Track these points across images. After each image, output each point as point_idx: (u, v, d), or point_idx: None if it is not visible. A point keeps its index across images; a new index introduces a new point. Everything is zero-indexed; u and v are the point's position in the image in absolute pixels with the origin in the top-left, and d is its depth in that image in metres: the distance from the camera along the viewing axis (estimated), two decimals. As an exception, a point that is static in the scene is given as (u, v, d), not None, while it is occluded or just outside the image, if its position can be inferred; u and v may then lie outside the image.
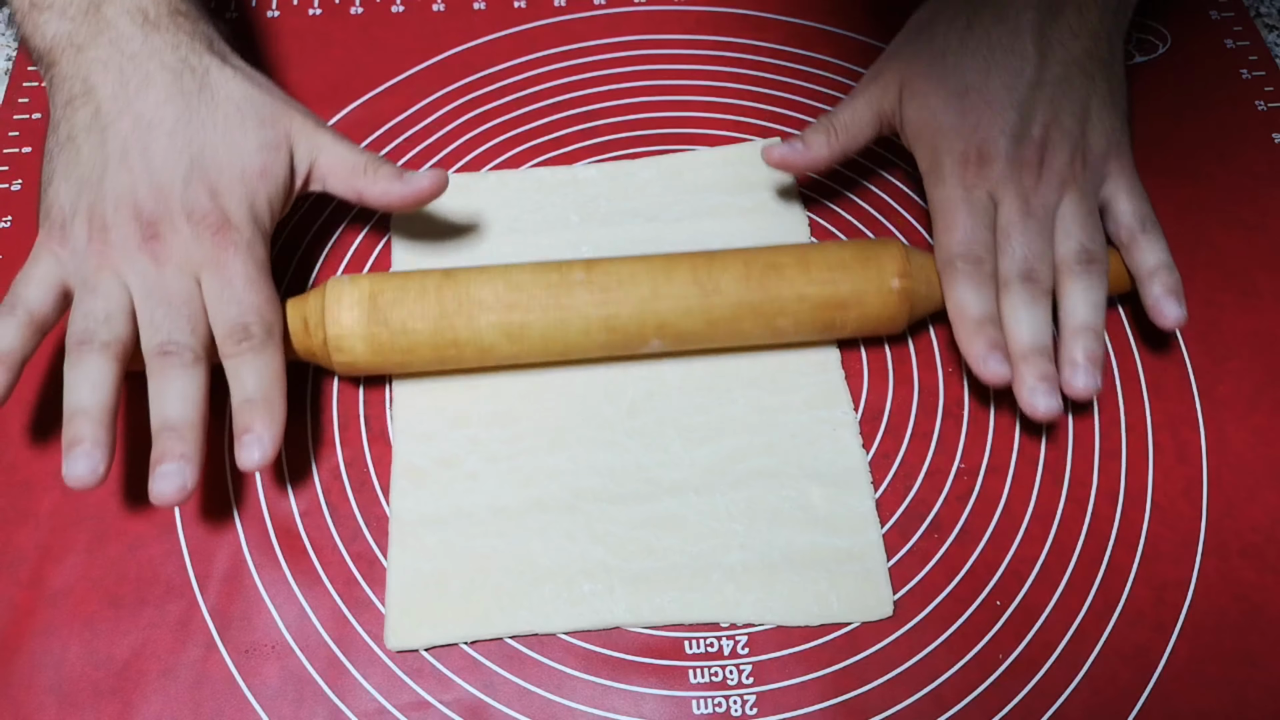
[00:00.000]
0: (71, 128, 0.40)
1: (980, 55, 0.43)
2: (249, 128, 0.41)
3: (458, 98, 0.53)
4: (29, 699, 0.37)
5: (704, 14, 0.57)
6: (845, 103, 0.47)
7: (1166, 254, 0.43)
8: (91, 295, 0.38)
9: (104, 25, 0.40)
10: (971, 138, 0.43)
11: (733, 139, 0.52)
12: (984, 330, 0.41)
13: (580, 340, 0.42)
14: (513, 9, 0.57)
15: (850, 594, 0.39)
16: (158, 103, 0.40)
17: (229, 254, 0.38)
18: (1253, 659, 0.39)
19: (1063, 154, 0.43)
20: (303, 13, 0.57)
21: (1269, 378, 0.45)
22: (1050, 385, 0.40)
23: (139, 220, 0.38)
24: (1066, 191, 0.43)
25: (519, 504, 0.41)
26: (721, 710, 0.37)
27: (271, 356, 0.38)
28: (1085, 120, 0.43)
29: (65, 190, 0.39)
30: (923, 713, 0.37)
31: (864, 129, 0.46)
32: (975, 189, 0.43)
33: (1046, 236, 0.42)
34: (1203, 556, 0.41)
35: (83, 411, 0.36)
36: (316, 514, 0.41)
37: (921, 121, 0.44)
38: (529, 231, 0.48)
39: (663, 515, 0.41)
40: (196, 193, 0.39)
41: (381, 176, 0.43)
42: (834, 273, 0.42)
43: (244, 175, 0.40)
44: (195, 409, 0.37)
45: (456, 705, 0.37)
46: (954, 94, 0.43)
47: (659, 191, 0.50)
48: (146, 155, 0.39)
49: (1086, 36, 0.44)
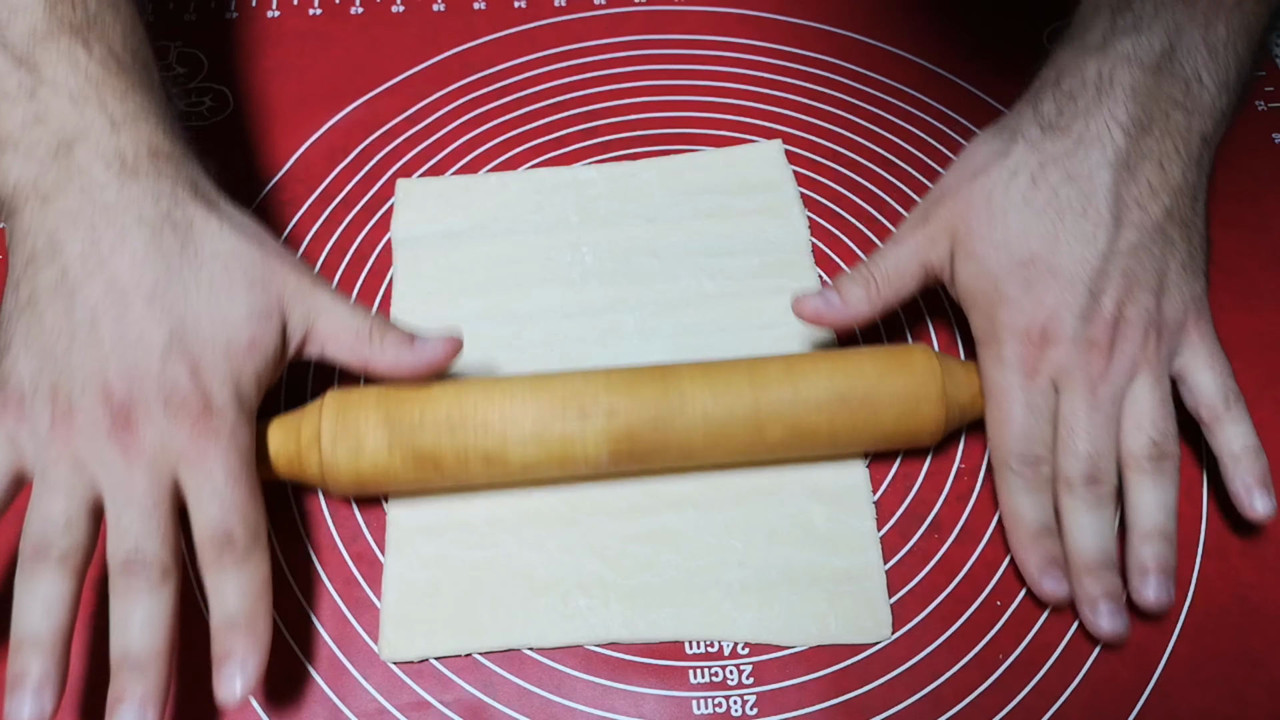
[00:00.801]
0: (34, 290, 0.35)
1: (1047, 218, 0.39)
2: (237, 292, 0.36)
3: (458, 98, 0.53)
4: (29, 699, 0.37)
5: (704, 14, 0.57)
6: (887, 249, 0.42)
7: (1253, 434, 0.39)
8: (50, 492, 0.33)
9: (75, 171, 0.35)
10: (1035, 314, 0.38)
11: (733, 140, 0.52)
12: (1040, 543, 0.38)
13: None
14: (513, 9, 0.57)
15: (848, 614, 0.39)
16: (134, 264, 0.35)
17: (210, 445, 0.34)
18: (1253, 659, 0.39)
19: (1136, 334, 0.38)
20: (303, 13, 0.57)
21: (1269, 378, 0.45)
22: (1118, 605, 0.37)
23: (109, 405, 0.34)
24: (1138, 375, 0.38)
25: (516, 515, 0.41)
26: (722, 710, 0.37)
27: (256, 567, 0.34)
28: (1162, 291, 0.39)
29: (25, 361, 0.34)
30: (922, 713, 0.37)
31: (908, 281, 0.42)
32: (1036, 376, 0.39)
33: (1113, 430, 0.38)
34: (1203, 556, 0.41)
35: (32, 640, 0.32)
36: (316, 514, 0.41)
37: (978, 290, 0.40)
38: (529, 232, 0.48)
39: (661, 530, 0.40)
40: (175, 372, 0.34)
41: (389, 344, 0.38)
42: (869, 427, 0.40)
43: (229, 350, 0.35)
44: (161, 638, 0.33)
45: (456, 705, 0.37)
46: (1017, 262, 0.39)
47: (659, 192, 0.50)
48: (120, 326, 0.34)
49: (1167, 195, 0.39)
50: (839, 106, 0.53)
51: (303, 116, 0.53)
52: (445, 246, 0.48)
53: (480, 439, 0.38)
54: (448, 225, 0.48)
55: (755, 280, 0.47)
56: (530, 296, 0.46)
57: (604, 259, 0.47)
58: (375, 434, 0.38)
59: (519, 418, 0.38)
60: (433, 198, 0.49)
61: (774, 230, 0.48)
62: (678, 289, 0.46)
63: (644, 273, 0.47)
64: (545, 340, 0.45)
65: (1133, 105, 0.39)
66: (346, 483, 0.38)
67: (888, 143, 0.52)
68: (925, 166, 0.52)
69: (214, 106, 0.53)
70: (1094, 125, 0.39)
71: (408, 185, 0.50)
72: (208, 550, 0.34)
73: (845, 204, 0.50)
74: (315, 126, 0.52)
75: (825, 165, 0.51)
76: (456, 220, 0.49)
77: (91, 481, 0.34)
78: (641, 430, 0.38)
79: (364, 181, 0.51)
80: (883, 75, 0.55)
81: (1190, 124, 0.39)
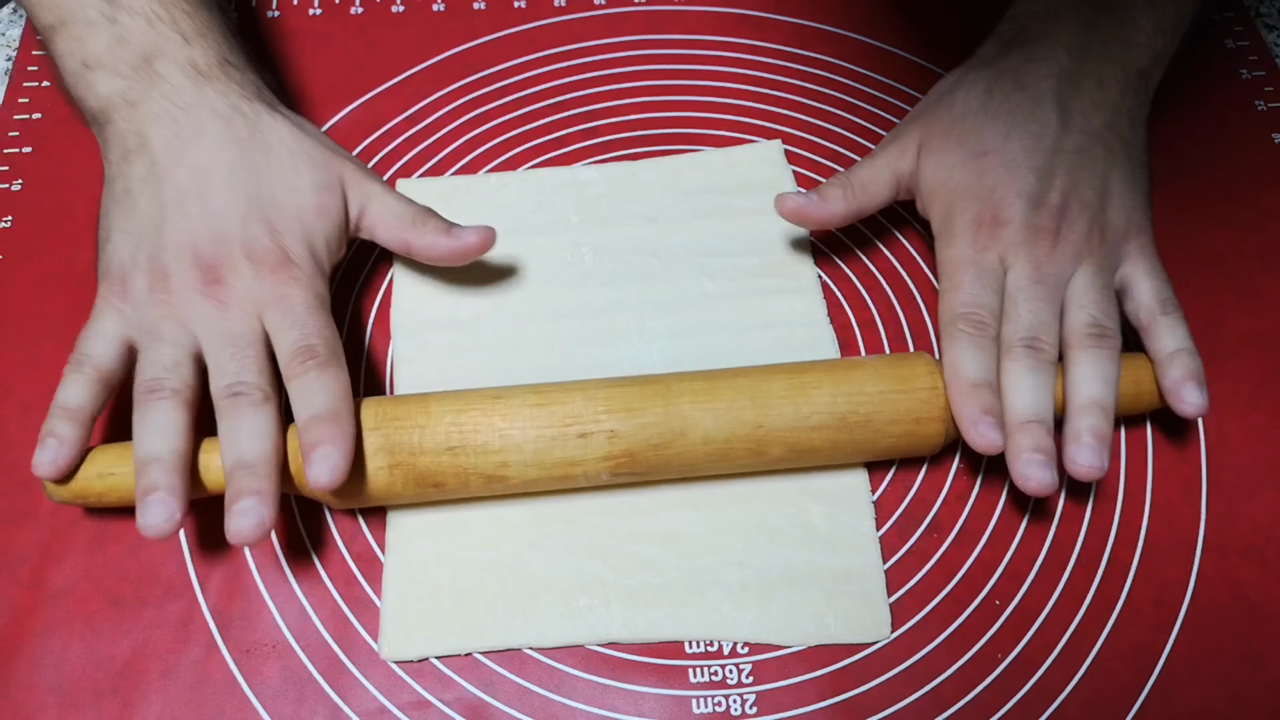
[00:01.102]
0: (128, 181, 0.40)
1: (1000, 118, 0.43)
2: (303, 169, 0.41)
3: (457, 98, 0.53)
4: (29, 699, 0.37)
5: (704, 14, 0.57)
6: (864, 161, 0.46)
7: (1188, 338, 0.41)
8: (157, 344, 0.38)
9: (156, 80, 0.40)
10: (987, 200, 0.42)
11: (733, 140, 0.52)
12: (979, 394, 0.39)
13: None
14: (512, 9, 0.57)
15: (847, 614, 0.39)
16: (212, 150, 0.40)
17: (290, 288, 0.39)
18: (1252, 658, 0.39)
19: (1080, 224, 0.41)
20: (303, 13, 0.57)
21: (1269, 378, 0.45)
22: (1046, 458, 0.37)
23: (199, 266, 0.38)
24: (1081, 263, 0.41)
25: (516, 515, 0.41)
26: (721, 709, 0.37)
27: (336, 373, 0.38)
28: (1105, 194, 0.42)
29: (124, 243, 0.39)
30: (922, 712, 0.37)
31: (881, 189, 0.45)
32: (986, 251, 0.41)
33: (1055, 306, 0.41)
34: (1202, 556, 0.41)
35: (155, 459, 0.35)
36: (317, 513, 0.41)
37: (937, 181, 0.44)
38: (529, 232, 0.48)
39: (661, 530, 0.40)
40: (255, 232, 0.39)
41: (429, 230, 0.43)
42: (870, 435, 0.40)
43: (301, 214, 0.40)
44: (269, 444, 0.36)
45: (457, 704, 0.37)
46: (972, 155, 0.43)
47: (659, 192, 0.50)
48: (204, 201, 0.39)
49: (1107, 110, 0.43)
50: (838, 107, 0.53)
51: (303, 116, 0.53)
52: (445, 246, 0.48)
53: (480, 462, 0.38)
54: (448, 225, 0.48)
55: (755, 280, 0.47)
56: (530, 296, 0.46)
57: (604, 259, 0.47)
58: (375, 458, 0.38)
59: (519, 441, 0.38)
60: (433, 198, 0.49)
61: (774, 230, 0.48)
62: (677, 289, 0.46)
63: (644, 273, 0.47)
64: (545, 340, 0.45)
65: (1075, 31, 0.44)
66: (346, 500, 0.39)
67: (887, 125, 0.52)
68: (925, 166, 0.52)
69: (214, 106, 0.53)
70: (1043, 46, 0.44)
71: (408, 186, 0.50)
72: (293, 365, 0.37)
73: (845, 204, 0.50)
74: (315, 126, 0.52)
75: (825, 165, 0.51)
76: (456, 220, 0.49)
77: (191, 333, 0.38)
78: (642, 452, 0.38)
79: (364, 181, 0.51)
80: (882, 75, 0.55)
81: (1128, 54, 0.44)
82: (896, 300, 0.47)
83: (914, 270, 0.48)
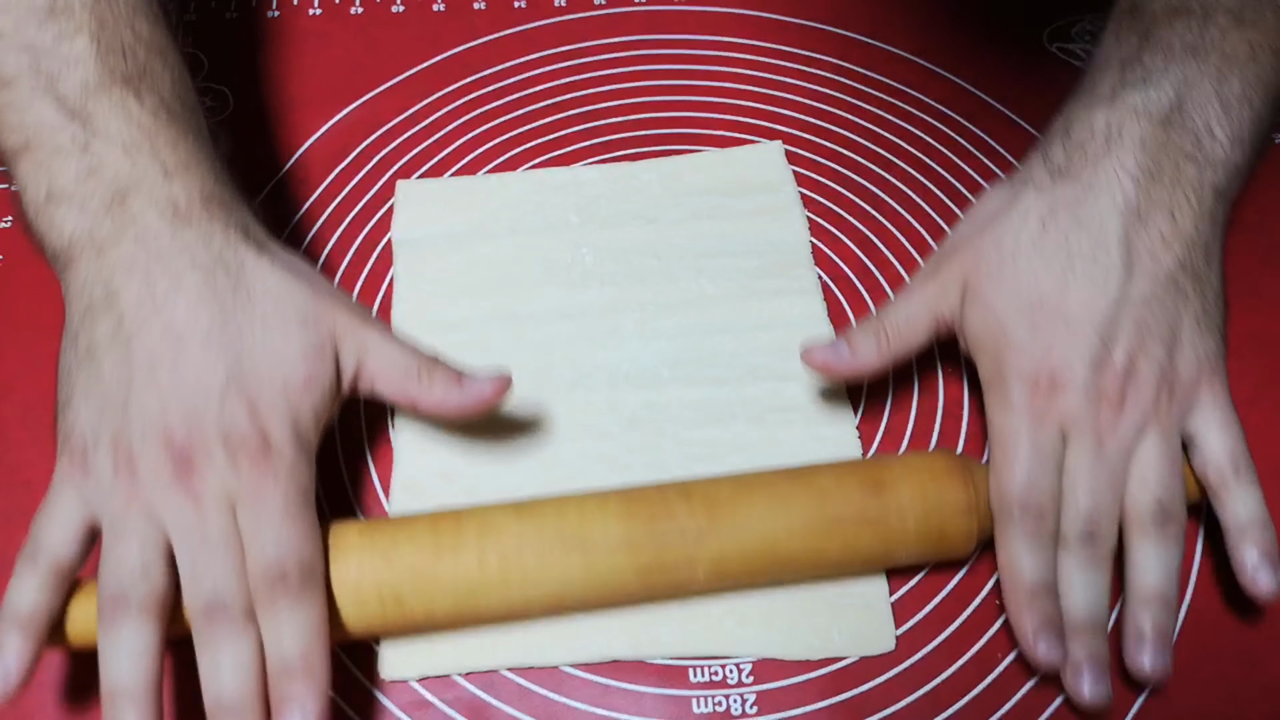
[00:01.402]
0: (91, 340, 0.35)
1: (1057, 262, 0.38)
2: (290, 330, 0.36)
3: (457, 98, 0.53)
4: (30, 698, 0.37)
5: (704, 14, 0.57)
6: (898, 301, 0.41)
7: (1262, 505, 0.37)
8: (122, 540, 0.33)
9: (129, 221, 0.36)
10: (1043, 359, 0.37)
11: (733, 140, 0.52)
12: (1038, 603, 0.36)
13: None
14: (513, 9, 0.57)
15: (852, 627, 0.38)
16: (188, 307, 0.35)
17: (268, 483, 0.34)
18: (1252, 659, 0.39)
19: (1148, 387, 0.37)
20: (303, 13, 0.57)
21: (1269, 378, 0.45)
22: (1101, 670, 0.35)
23: (170, 451, 0.34)
24: (1148, 431, 0.37)
25: None
26: (722, 709, 0.37)
27: (310, 606, 0.34)
28: (1175, 345, 0.38)
29: (86, 413, 0.35)
30: (922, 712, 0.37)
31: (919, 333, 0.41)
32: (1043, 422, 0.37)
33: (1118, 486, 0.37)
34: (1202, 556, 0.41)
35: (124, 692, 0.32)
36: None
37: (985, 331, 0.39)
38: (529, 233, 0.48)
39: None
40: (234, 413, 0.34)
41: (437, 383, 0.39)
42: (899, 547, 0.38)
43: (286, 387, 0.36)
44: (253, 683, 0.33)
45: (457, 704, 0.37)
46: (1025, 305, 0.38)
47: (659, 193, 0.50)
48: (177, 371, 0.34)
49: (1180, 246, 0.38)
50: (839, 107, 0.53)
51: (303, 116, 0.53)
52: (445, 248, 0.48)
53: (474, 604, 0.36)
54: (448, 226, 0.48)
55: (755, 281, 0.47)
56: (531, 297, 0.46)
57: (604, 260, 0.47)
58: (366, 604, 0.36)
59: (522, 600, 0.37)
60: (432, 199, 0.49)
61: (774, 231, 0.48)
62: (678, 290, 0.46)
63: (644, 273, 0.47)
64: (546, 341, 0.45)
65: (1142, 155, 0.38)
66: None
67: (888, 143, 0.52)
68: (925, 167, 0.52)
69: (214, 106, 0.53)
70: (1103, 173, 0.38)
71: (407, 187, 0.50)
72: (261, 589, 0.33)
73: (845, 205, 0.50)
74: (315, 127, 0.53)
75: (825, 166, 0.51)
76: (456, 221, 0.49)
77: (161, 527, 0.34)
78: (649, 579, 0.37)
79: (364, 182, 0.51)
80: (883, 75, 0.55)
81: (1202, 177, 0.38)
82: (896, 300, 0.47)
83: (913, 268, 0.48)
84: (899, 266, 0.48)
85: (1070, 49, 0.56)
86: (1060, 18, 0.58)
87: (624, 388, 0.44)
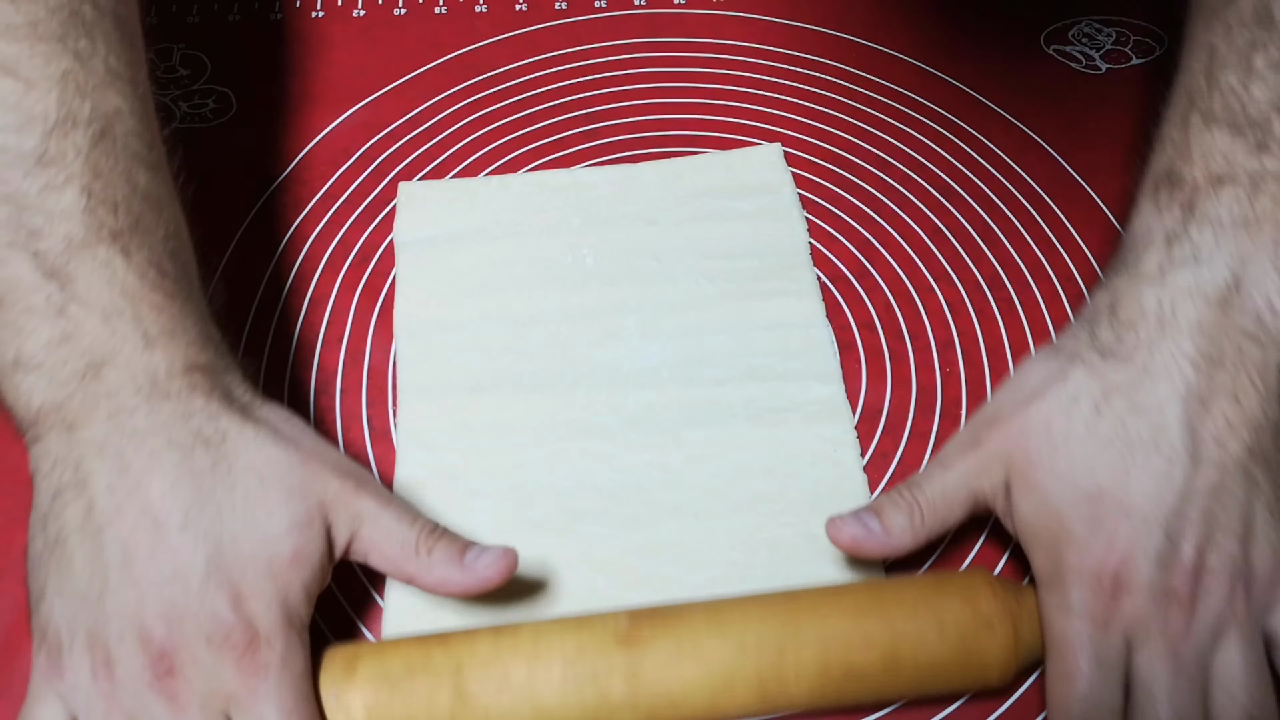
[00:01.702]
0: (61, 527, 0.32)
1: (1114, 450, 0.35)
2: (274, 504, 0.33)
3: (459, 100, 0.54)
4: (36, 697, 0.37)
5: (704, 17, 0.58)
6: (933, 473, 0.38)
7: None
8: None
9: (102, 396, 0.33)
10: (1106, 557, 0.34)
11: (733, 142, 0.52)
12: None
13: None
14: (514, 12, 0.58)
15: None
16: (164, 490, 0.32)
17: (259, 683, 0.31)
18: (1247, 657, 0.39)
19: (1221, 585, 0.34)
20: (305, 15, 0.57)
21: (1264, 378, 0.45)
22: None
23: (148, 652, 0.31)
24: (1225, 635, 0.34)
25: (518, 526, 0.40)
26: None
27: None
28: (1248, 537, 0.34)
29: (60, 609, 0.32)
30: (922, 710, 0.38)
31: (955, 509, 0.37)
32: (1107, 629, 0.34)
33: (1200, 699, 0.33)
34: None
35: None
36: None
37: (1041, 525, 0.36)
38: (530, 234, 0.48)
39: (662, 541, 0.40)
40: (216, 605, 0.31)
41: (437, 560, 0.35)
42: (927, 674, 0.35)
43: (272, 568, 0.32)
44: None
45: (459, 703, 0.37)
46: (1083, 496, 0.35)
47: (660, 195, 0.50)
48: (154, 562, 0.32)
49: (1247, 431, 0.35)
50: (838, 109, 0.54)
51: (305, 119, 0.53)
52: (447, 249, 0.48)
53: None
54: (449, 228, 0.49)
55: (755, 283, 0.47)
56: (531, 298, 0.46)
57: (605, 261, 0.48)
58: None
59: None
60: (434, 201, 0.50)
61: (773, 233, 0.49)
62: (678, 291, 0.47)
63: (645, 275, 0.47)
64: (547, 341, 0.45)
65: (1200, 339, 0.35)
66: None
67: (887, 145, 0.53)
68: (923, 169, 0.52)
69: (217, 109, 0.54)
70: (1159, 357, 0.35)
71: (409, 189, 0.50)
72: None
73: (844, 206, 0.50)
74: (317, 129, 0.53)
75: (825, 168, 0.52)
76: (458, 223, 0.49)
77: None
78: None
79: (366, 184, 0.51)
80: (882, 78, 0.55)
81: (1266, 357, 0.35)
82: (895, 301, 0.47)
83: (912, 270, 0.48)
84: (897, 268, 0.48)
85: (1067, 51, 0.57)
86: (1057, 20, 0.58)
87: (624, 388, 0.44)
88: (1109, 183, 0.51)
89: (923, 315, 0.47)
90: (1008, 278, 0.48)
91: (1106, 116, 0.54)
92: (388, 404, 0.44)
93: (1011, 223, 0.50)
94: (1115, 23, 0.58)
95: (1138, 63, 0.56)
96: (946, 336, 0.46)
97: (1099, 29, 0.58)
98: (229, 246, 0.48)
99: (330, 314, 0.47)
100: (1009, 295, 0.47)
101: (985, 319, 0.47)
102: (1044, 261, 0.49)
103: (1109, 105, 0.54)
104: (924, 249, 0.49)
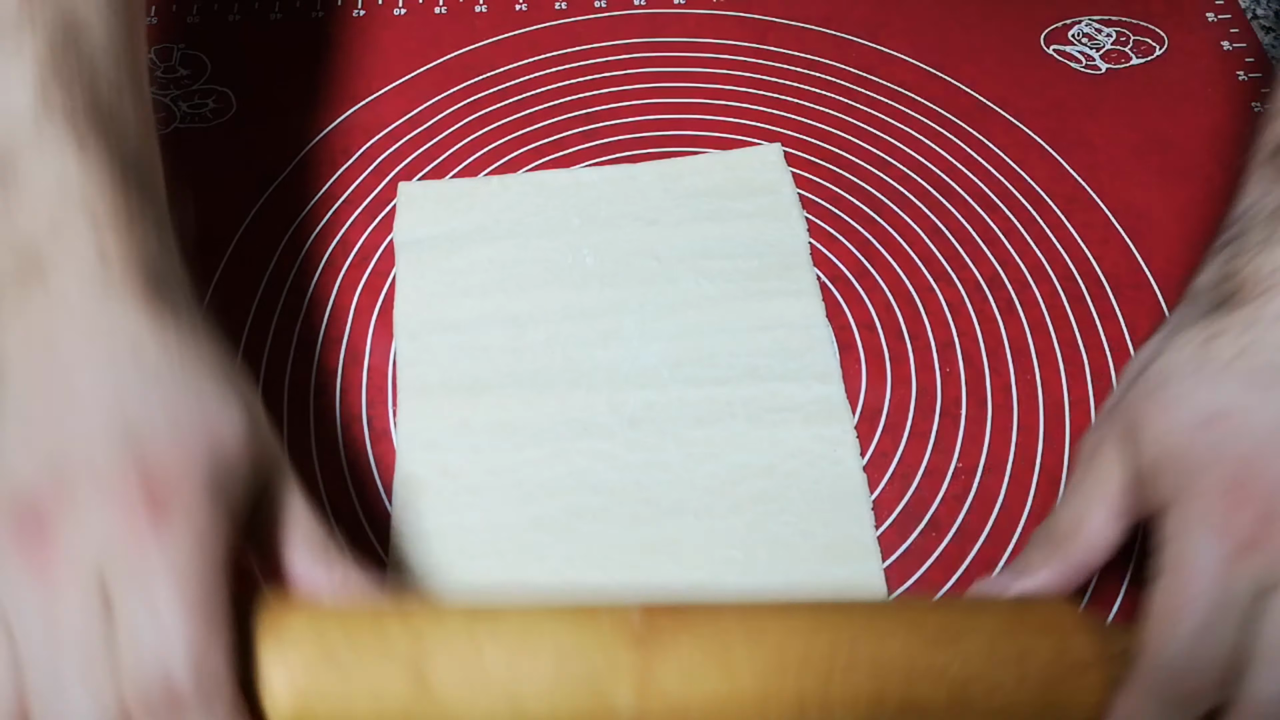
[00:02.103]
0: None
1: (1235, 369, 0.31)
2: (215, 377, 0.28)
3: (459, 100, 0.54)
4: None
5: (705, 17, 0.58)
6: (1061, 507, 0.35)
7: None
8: None
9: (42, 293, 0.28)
10: (1237, 473, 0.29)
11: (733, 142, 0.52)
12: None
13: None
14: (514, 12, 0.58)
15: None
16: (86, 354, 0.27)
17: (153, 549, 0.23)
18: (1248, 657, 0.39)
19: None
20: (305, 15, 0.57)
21: (1264, 378, 0.45)
22: None
23: (16, 508, 0.24)
24: None
25: (517, 523, 0.40)
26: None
27: None
28: None
29: None
30: (921, 710, 0.38)
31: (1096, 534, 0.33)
32: (1241, 564, 0.28)
33: None
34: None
35: None
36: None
37: (1161, 456, 0.31)
38: (530, 235, 0.48)
39: (661, 540, 0.40)
40: (122, 448, 0.25)
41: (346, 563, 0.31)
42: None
43: (206, 417, 0.27)
44: None
45: (459, 703, 0.38)
46: (1201, 420, 0.31)
47: (659, 195, 0.50)
48: (49, 402, 0.26)
49: None
50: (838, 109, 0.54)
51: (305, 119, 0.53)
52: (447, 249, 0.48)
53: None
54: (449, 228, 0.49)
55: (754, 283, 0.47)
56: (531, 299, 0.46)
57: (605, 261, 0.48)
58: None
59: None
60: (434, 201, 0.50)
61: (773, 233, 0.49)
62: (678, 291, 0.47)
63: (644, 275, 0.47)
64: (547, 341, 0.45)
65: None
66: None
67: (886, 145, 0.53)
68: (923, 168, 0.52)
69: (217, 109, 0.54)
70: (1271, 306, 0.32)
71: (409, 189, 0.50)
72: (138, 713, 0.23)
73: (844, 206, 0.50)
74: (317, 129, 0.53)
75: (825, 168, 0.52)
76: (458, 223, 0.49)
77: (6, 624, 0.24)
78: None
79: (366, 184, 0.51)
80: (882, 78, 0.55)
81: None
82: (895, 301, 0.47)
83: (912, 270, 0.48)
84: (897, 268, 0.48)
85: (1067, 51, 0.57)
86: (1057, 20, 0.58)
87: (624, 388, 0.44)
88: (1109, 183, 0.51)
89: (923, 315, 0.47)
90: (1008, 278, 0.48)
91: (1106, 116, 0.54)
92: (388, 404, 0.44)
93: (1011, 223, 0.50)
94: (1115, 23, 0.58)
95: (1138, 63, 0.56)
96: (946, 336, 0.46)
97: (1099, 29, 0.58)
98: (229, 246, 0.48)
99: (330, 314, 0.47)
100: (1009, 295, 0.47)
101: (985, 319, 0.47)
102: (1044, 261, 0.49)
103: (1109, 105, 0.54)
104: (924, 249, 0.49)
